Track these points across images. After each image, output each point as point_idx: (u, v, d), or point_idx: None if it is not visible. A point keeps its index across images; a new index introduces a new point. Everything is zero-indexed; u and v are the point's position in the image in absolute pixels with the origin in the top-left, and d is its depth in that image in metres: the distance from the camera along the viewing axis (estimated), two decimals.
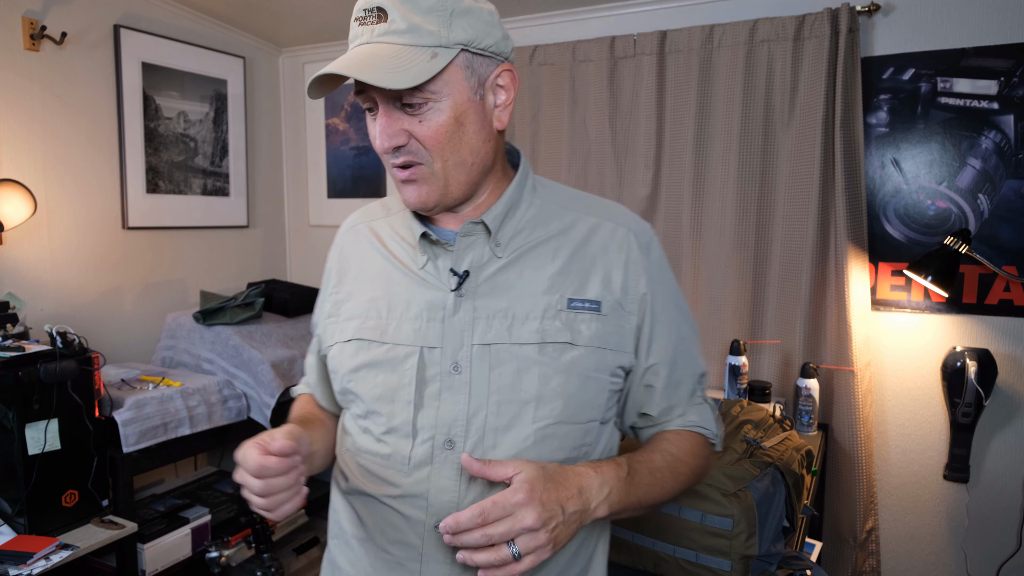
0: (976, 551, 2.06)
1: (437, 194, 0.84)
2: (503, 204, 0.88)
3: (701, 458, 0.94)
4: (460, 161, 0.83)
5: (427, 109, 0.79)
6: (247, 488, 0.78)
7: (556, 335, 0.84)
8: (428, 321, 0.86)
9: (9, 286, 2.05)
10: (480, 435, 0.83)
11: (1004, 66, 1.90)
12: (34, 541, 1.61)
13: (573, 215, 0.92)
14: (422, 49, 0.77)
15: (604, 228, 0.91)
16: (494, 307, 0.85)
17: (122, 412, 1.82)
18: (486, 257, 0.87)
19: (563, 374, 0.84)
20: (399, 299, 0.89)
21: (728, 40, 2.15)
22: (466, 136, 0.82)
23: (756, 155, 2.16)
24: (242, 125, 2.82)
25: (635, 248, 0.90)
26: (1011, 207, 1.94)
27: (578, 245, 0.89)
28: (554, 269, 0.87)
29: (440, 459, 0.84)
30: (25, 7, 2.07)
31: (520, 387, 0.83)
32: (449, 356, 0.85)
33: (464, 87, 0.81)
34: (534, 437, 0.83)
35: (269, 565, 2.16)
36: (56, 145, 2.18)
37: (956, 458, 2.03)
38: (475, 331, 0.85)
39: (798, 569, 1.38)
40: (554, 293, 0.86)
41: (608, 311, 0.87)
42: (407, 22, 0.77)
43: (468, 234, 0.87)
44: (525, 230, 0.89)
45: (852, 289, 2.03)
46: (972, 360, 1.95)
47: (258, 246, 3.00)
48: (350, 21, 0.81)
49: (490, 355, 0.84)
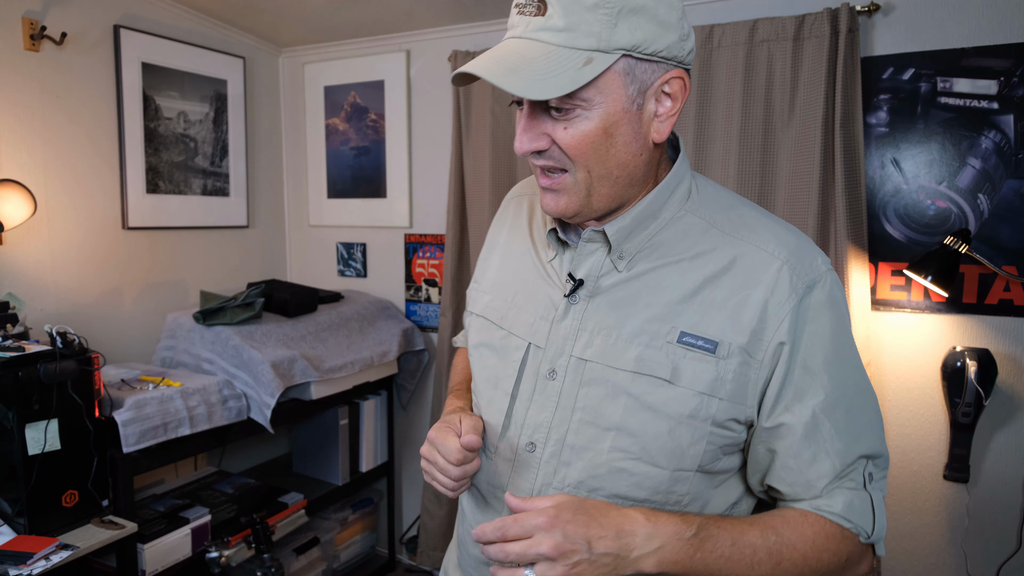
0: (976, 551, 2.06)
1: (576, 205, 0.78)
2: (633, 217, 0.80)
3: (829, 552, 0.76)
4: (605, 173, 0.75)
5: (574, 116, 0.72)
6: (441, 471, 0.83)
7: (654, 369, 0.76)
8: (541, 319, 0.84)
9: (9, 286, 2.05)
10: (558, 448, 0.81)
11: (1004, 66, 1.90)
12: (34, 541, 1.61)
13: (721, 236, 0.80)
14: (577, 52, 0.69)
15: (753, 257, 0.77)
16: (601, 322, 0.80)
17: (122, 412, 1.82)
18: (605, 269, 0.81)
19: (650, 411, 0.77)
20: (525, 287, 0.88)
21: (728, 40, 2.16)
22: (614, 148, 0.74)
23: (756, 155, 2.16)
24: (242, 125, 2.82)
25: (785, 287, 0.76)
26: (1011, 207, 1.94)
27: (715, 273, 0.78)
28: (677, 296, 0.78)
29: (523, 458, 0.84)
30: (25, 7, 2.07)
31: (604, 412, 0.78)
32: (549, 360, 0.82)
33: (621, 95, 0.72)
34: (607, 467, 0.78)
35: (269, 565, 2.17)
36: (56, 145, 2.18)
37: (956, 458, 2.03)
38: (577, 342, 0.81)
39: None
40: (668, 322, 0.77)
41: (727, 355, 0.75)
42: (566, 19, 0.69)
43: (590, 241, 0.81)
44: (663, 245, 0.80)
45: (852, 289, 2.03)
46: (972, 360, 1.95)
47: (258, 246, 3.00)
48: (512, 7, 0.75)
49: (584, 371, 0.80)
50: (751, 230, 0.80)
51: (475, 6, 2.42)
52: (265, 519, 2.20)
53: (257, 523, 2.16)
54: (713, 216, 0.81)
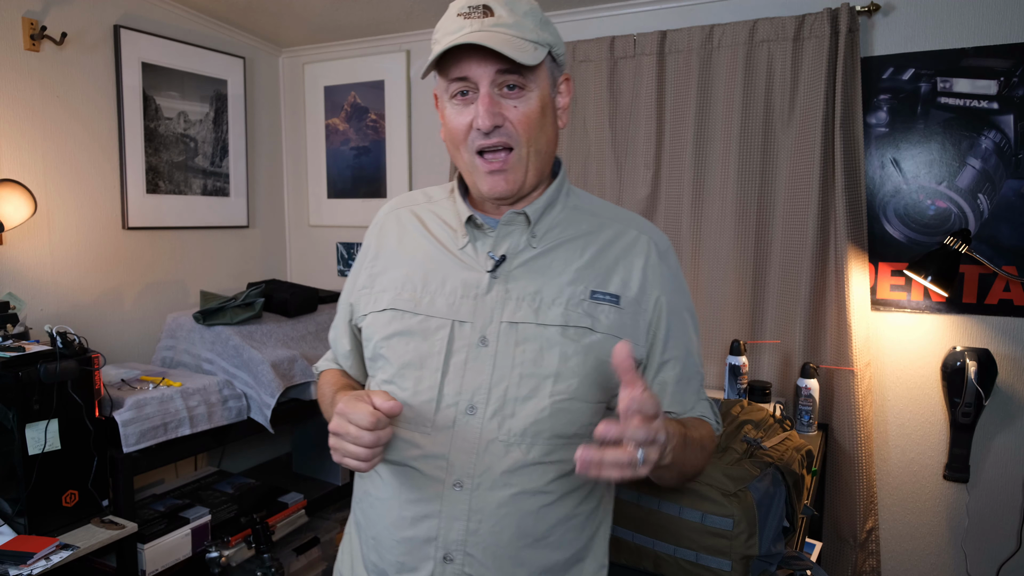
0: (976, 551, 2.06)
1: (517, 183, 0.94)
2: (544, 200, 0.99)
3: (711, 446, 1.03)
4: (539, 149, 0.95)
5: (523, 97, 0.91)
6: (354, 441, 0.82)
7: (578, 320, 0.93)
8: (462, 298, 0.95)
9: (9, 286, 2.05)
10: (500, 403, 0.91)
11: (1004, 66, 1.90)
12: (34, 541, 1.61)
13: (600, 220, 1.02)
14: (527, 41, 0.89)
15: (628, 234, 1.01)
16: (524, 290, 0.95)
17: (122, 412, 1.82)
18: (522, 245, 0.97)
19: (581, 355, 0.92)
20: (435, 275, 0.98)
21: (728, 40, 2.16)
22: (546, 126, 0.94)
23: (756, 155, 2.16)
24: (242, 125, 2.82)
25: (654, 254, 1.00)
26: (1011, 207, 1.94)
27: (603, 246, 0.99)
28: (581, 263, 0.97)
29: (462, 423, 0.92)
30: (25, 7, 2.07)
31: (542, 363, 0.92)
32: (478, 330, 0.94)
33: (547, 83, 0.93)
34: (550, 409, 0.91)
35: (269, 565, 2.16)
36: (56, 145, 2.18)
37: (956, 458, 2.03)
38: (505, 309, 0.94)
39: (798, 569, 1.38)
40: (579, 284, 0.95)
41: (625, 306, 0.96)
42: (512, 19, 0.89)
43: (509, 223, 0.97)
44: (558, 227, 0.99)
45: (852, 289, 2.03)
46: (972, 360, 1.95)
47: (258, 246, 3.00)
48: (451, 15, 0.91)
49: (516, 332, 0.93)
50: (617, 215, 1.04)
51: None
52: (265, 519, 2.20)
53: (257, 523, 2.16)
54: (588, 206, 1.04)
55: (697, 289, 2.29)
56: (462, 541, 0.91)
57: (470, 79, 0.90)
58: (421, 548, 0.94)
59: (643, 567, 1.38)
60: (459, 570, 0.92)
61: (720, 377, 2.25)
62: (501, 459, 0.90)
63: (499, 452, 0.90)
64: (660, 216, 2.32)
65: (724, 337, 2.24)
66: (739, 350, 2.11)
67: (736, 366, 2.10)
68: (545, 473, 0.91)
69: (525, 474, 0.91)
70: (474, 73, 0.89)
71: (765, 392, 2.06)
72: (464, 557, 0.91)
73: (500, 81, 0.89)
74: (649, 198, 2.33)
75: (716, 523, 1.29)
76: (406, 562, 0.95)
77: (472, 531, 0.91)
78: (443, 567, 0.92)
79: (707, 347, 2.28)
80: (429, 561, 0.93)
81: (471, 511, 0.91)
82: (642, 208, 2.33)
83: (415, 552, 0.94)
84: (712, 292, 2.26)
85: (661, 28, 2.26)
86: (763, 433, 1.57)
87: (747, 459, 1.43)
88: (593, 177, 2.42)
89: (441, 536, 0.92)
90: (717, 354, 2.26)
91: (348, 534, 1.12)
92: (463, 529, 0.91)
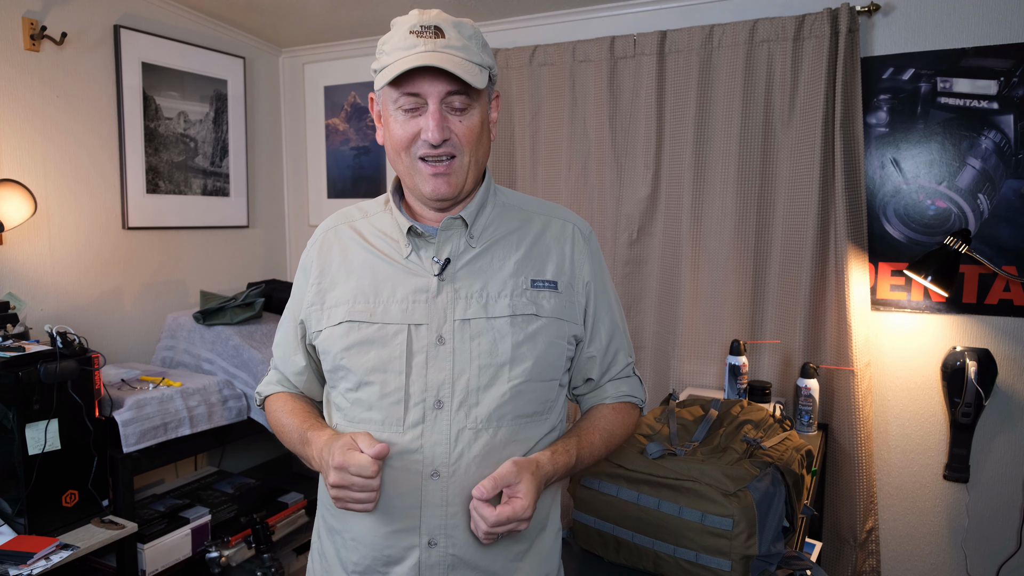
0: (976, 551, 2.06)
1: (458, 186, 1.01)
2: (476, 203, 1.06)
3: (632, 423, 1.17)
4: (478, 159, 1.03)
5: (468, 113, 0.99)
6: (361, 489, 0.91)
7: (524, 308, 1.02)
8: (414, 303, 1.02)
9: (9, 286, 2.05)
10: (464, 394, 0.99)
11: (1004, 66, 1.90)
12: (34, 541, 1.61)
13: (528, 214, 1.11)
14: (474, 64, 0.96)
15: (554, 224, 1.11)
16: (471, 288, 1.02)
17: (122, 412, 1.82)
18: (463, 247, 1.04)
19: (531, 340, 1.01)
20: (386, 285, 1.04)
21: (728, 40, 2.16)
22: (483, 139, 1.03)
23: (756, 155, 2.16)
24: (242, 125, 2.82)
25: (580, 240, 1.10)
26: (1011, 207, 1.94)
27: (535, 237, 1.08)
28: (518, 256, 1.06)
29: (431, 418, 0.99)
30: (25, 7, 2.07)
31: (497, 352, 1.00)
32: (434, 331, 1.00)
33: (485, 101, 1.02)
34: (510, 393, 1.00)
35: (269, 565, 2.17)
36: (56, 145, 2.18)
37: (956, 458, 2.03)
38: (456, 308, 1.01)
39: (798, 569, 1.38)
40: (519, 275, 1.04)
41: (563, 289, 1.06)
42: (461, 42, 0.96)
43: (448, 228, 1.03)
44: (492, 225, 1.07)
45: (852, 289, 2.03)
46: (972, 360, 1.95)
47: (258, 246, 3.00)
48: (403, 32, 0.98)
49: (470, 328, 1.00)
50: (541, 207, 1.13)
51: (475, 7, 2.43)
52: (265, 519, 2.20)
53: (257, 523, 2.16)
54: (515, 202, 1.12)
55: (697, 289, 2.29)
56: (443, 525, 0.99)
57: (421, 95, 0.96)
58: (406, 538, 1.00)
59: (643, 567, 1.38)
60: (443, 552, 0.99)
61: (720, 377, 2.25)
62: (472, 445, 0.98)
63: (469, 439, 0.98)
64: (660, 216, 2.32)
65: (724, 337, 2.24)
66: (739, 350, 2.11)
67: (736, 366, 2.10)
68: (513, 452, 1.00)
69: (496, 455, 0.99)
70: (425, 91, 0.95)
71: (765, 392, 2.06)
72: (447, 539, 0.99)
73: (448, 100, 0.97)
74: (649, 198, 2.33)
75: (716, 523, 1.29)
76: (392, 555, 1.01)
77: (452, 514, 0.99)
78: (428, 552, 0.99)
79: (707, 347, 2.28)
80: (415, 549, 0.99)
81: (449, 496, 0.98)
82: (642, 208, 2.33)
83: (400, 543, 1.00)
84: (712, 292, 2.26)
85: (661, 28, 2.26)
86: (763, 433, 1.57)
87: (747, 459, 1.43)
88: (593, 177, 2.42)
89: (424, 524, 0.99)
90: (717, 354, 2.26)
91: (316, 542, 1.17)
92: (443, 514, 0.99)
